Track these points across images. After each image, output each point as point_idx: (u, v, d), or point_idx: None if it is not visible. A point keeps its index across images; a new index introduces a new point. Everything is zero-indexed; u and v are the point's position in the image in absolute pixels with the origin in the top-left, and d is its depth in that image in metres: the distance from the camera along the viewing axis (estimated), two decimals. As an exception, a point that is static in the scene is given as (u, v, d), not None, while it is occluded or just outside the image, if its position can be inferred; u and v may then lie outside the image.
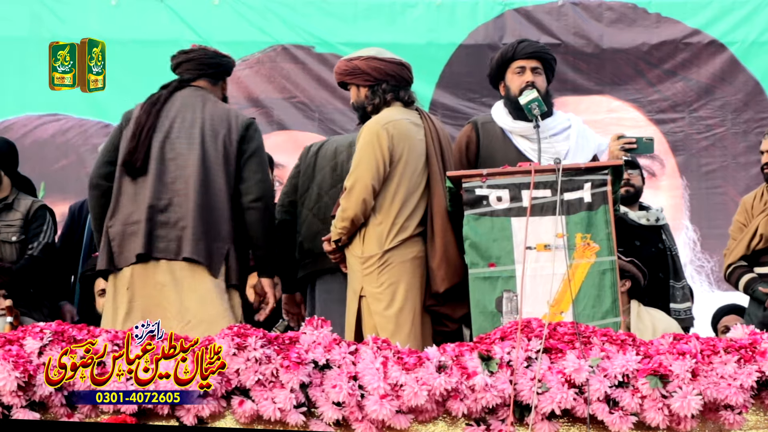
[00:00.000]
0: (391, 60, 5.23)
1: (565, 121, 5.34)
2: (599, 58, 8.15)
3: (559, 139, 5.22)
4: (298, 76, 8.26)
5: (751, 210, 6.03)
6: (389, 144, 5.02)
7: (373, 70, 5.18)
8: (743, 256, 5.95)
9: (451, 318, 5.08)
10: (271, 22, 8.27)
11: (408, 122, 5.13)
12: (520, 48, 5.33)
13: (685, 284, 6.32)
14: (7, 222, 5.96)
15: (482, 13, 8.24)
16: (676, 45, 8.18)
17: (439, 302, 5.06)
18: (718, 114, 8.06)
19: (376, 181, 5.01)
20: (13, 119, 8.15)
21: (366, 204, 5.00)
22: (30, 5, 8.21)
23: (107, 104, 8.06)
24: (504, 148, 5.27)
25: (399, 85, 5.20)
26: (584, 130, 5.35)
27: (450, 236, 5.03)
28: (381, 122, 5.07)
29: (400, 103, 5.19)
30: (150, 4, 8.22)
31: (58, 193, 7.91)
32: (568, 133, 5.27)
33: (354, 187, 5.01)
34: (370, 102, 5.18)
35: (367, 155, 5.01)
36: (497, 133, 5.33)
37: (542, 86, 5.27)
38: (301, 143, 8.18)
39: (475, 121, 5.46)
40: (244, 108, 8.24)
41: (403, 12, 8.25)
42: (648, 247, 6.14)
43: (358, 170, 5.02)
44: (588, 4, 8.25)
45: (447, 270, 5.01)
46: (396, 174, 5.05)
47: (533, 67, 5.30)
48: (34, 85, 7.98)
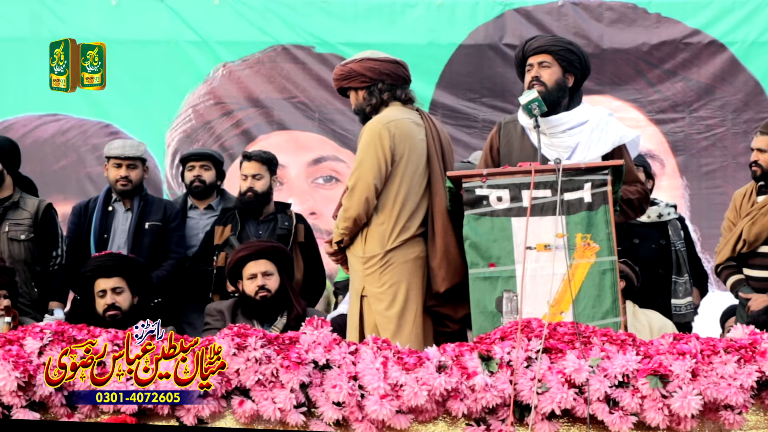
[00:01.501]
0: (386, 59, 5.22)
1: (584, 115, 5.16)
2: (599, 58, 8.14)
3: (573, 132, 5.11)
4: (298, 76, 8.26)
5: (739, 209, 5.99)
6: (391, 143, 5.02)
7: (368, 71, 5.17)
8: (730, 257, 5.94)
9: (452, 318, 5.08)
10: (271, 22, 8.27)
11: (409, 122, 5.13)
12: (527, 46, 5.27)
13: (688, 279, 6.29)
14: (15, 221, 6.01)
15: (482, 13, 8.24)
16: (676, 45, 8.18)
17: (439, 303, 5.06)
18: (719, 114, 8.07)
19: (378, 180, 5.01)
20: (13, 119, 8.16)
21: (369, 203, 5.00)
22: (30, 5, 8.21)
23: (107, 104, 8.07)
24: (521, 144, 5.18)
25: (395, 83, 5.18)
26: (606, 123, 5.14)
27: (451, 236, 5.03)
28: (382, 121, 5.07)
29: (398, 102, 5.18)
30: (150, 4, 8.22)
31: (59, 193, 7.91)
32: (582, 128, 5.15)
33: (356, 186, 5.01)
34: (368, 103, 5.17)
35: (369, 154, 5.01)
36: (517, 131, 5.23)
37: (550, 79, 5.12)
38: (302, 143, 8.22)
39: (499, 123, 5.35)
40: (244, 108, 8.26)
41: (403, 12, 8.26)
42: (648, 244, 6.14)
43: (360, 169, 5.02)
44: (588, 4, 8.25)
45: (447, 270, 5.01)
46: (398, 173, 5.05)
47: (540, 61, 5.19)
48: (34, 85, 7.99)
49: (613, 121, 5.21)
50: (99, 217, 6.41)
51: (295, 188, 8.05)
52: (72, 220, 6.53)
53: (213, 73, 8.25)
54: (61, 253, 6.15)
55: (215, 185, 6.81)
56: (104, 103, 8.04)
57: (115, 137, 7.76)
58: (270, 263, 5.63)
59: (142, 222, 6.41)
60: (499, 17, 8.24)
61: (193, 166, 6.75)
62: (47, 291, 6.09)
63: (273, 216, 6.34)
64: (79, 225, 6.46)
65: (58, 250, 6.14)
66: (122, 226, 6.42)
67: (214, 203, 6.77)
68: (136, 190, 6.48)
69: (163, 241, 6.42)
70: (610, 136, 5.13)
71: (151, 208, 6.47)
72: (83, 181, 8.13)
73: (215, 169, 6.78)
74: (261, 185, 6.32)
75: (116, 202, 6.49)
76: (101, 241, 6.36)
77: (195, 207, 6.76)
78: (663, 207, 6.33)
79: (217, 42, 8.26)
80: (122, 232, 6.40)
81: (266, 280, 5.59)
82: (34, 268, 6.05)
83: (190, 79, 8.24)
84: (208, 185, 6.75)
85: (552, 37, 5.43)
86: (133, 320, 4.54)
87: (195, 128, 8.24)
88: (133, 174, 6.46)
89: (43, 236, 6.06)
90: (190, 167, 6.77)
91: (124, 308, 5.61)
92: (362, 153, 5.04)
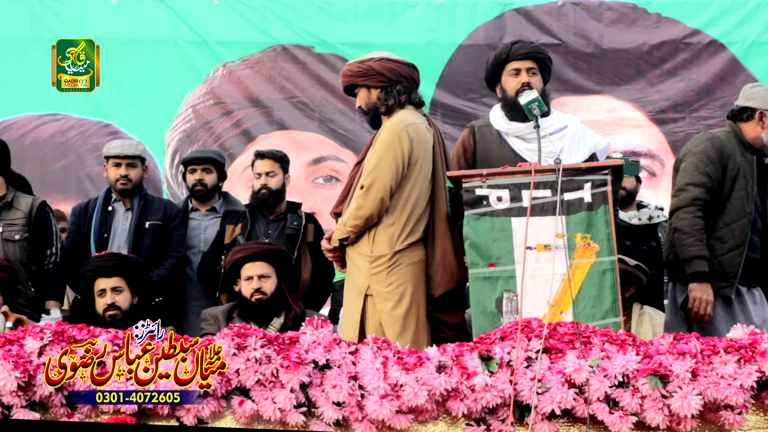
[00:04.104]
0: (404, 62, 5.27)
1: (562, 120, 5.35)
2: (600, 58, 8.15)
3: (554, 138, 5.23)
4: (298, 76, 8.27)
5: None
6: (409, 146, 5.07)
7: (388, 71, 5.20)
8: None
9: (449, 325, 5.13)
10: (271, 22, 8.27)
11: (424, 127, 5.20)
12: (514, 49, 5.34)
13: None
14: (8, 221, 5.97)
15: (482, 13, 8.25)
16: (676, 45, 8.18)
17: (437, 308, 5.11)
18: (719, 114, 8.07)
19: (395, 182, 5.06)
20: (13, 119, 8.16)
21: (383, 203, 5.04)
22: (31, 5, 8.22)
23: (107, 104, 8.07)
24: (500, 149, 5.29)
25: (411, 87, 5.25)
26: (582, 129, 5.35)
27: (449, 243, 5.08)
28: (402, 124, 5.12)
29: (412, 106, 5.24)
30: (150, 4, 8.23)
31: (58, 193, 7.91)
32: (563, 133, 5.27)
33: (373, 185, 5.04)
34: (384, 103, 5.21)
35: (388, 155, 5.05)
36: (493, 135, 5.35)
37: (538, 86, 5.27)
38: (302, 143, 8.22)
39: (472, 126, 5.49)
40: (244, 108, 8.26)
41: (403, 12, 8.26)
42: (640, 245, 6.15)
43: (378, 170, 5.05)
44: (588, 4, 8.25)
45: (443, 275, 5.06)
46: (411, 176, 5.10)
47: (528, 67, 5.30)
48: (34, 84, 8.00)
49: (587, 128, 5.39)
50: (99, 217, 6.40)
51: (295, 188, 8.03)
52: (72, 221, 6.51)
53: (213, 73, 8.25)
54: (55, 252, 6.09)
55: (217, 187, 6.80)
56: (104, 103, 8.04)
57: (114, 137, 7.76)
58: (267, 265, 5.63)
59: (143, 221, 6.41)
60: (499, 17, 8.25)
61: (194, 169, 6.74)
62: (43, 290, 6.06)
63: (283, 215, 6.35)
64: (79, 226, 6.45)
65: (52, 248, 6.07)
66: (122, 225, 6.42)
67: (217, 205, 6.77)
68: (135, 190, 6.47)
69: (163, 240, 6.41)
70: (587, 143, 5.30)
71: (151, 207, 6.47)
72: (83, 181, 8.13)
73: (217, 171, 6.78)
74: (275, 182, 6.36)
75: (116, 201, 6.48)
76: (101, 241, 6.35)
77: (196, 209, 6.76)
78: (653, 209, 6.35)
79: (217, 42, 8.26)
80: (122, 231, 6.39)
81: (262, 282, 5.58)
82: (30, 267, 6.01)
83: (190, 79, 8.24)
84: (210, 188, 6.74)
85: (535, 45, 5.59)
86: (133, 320, 4.54)
87: (195, 128, 8.24)
88: (132, 173, 6.45)
89: (38, 235, 6.01)
90: (191, 170, 6.76)
91: (123, 308, 5.61)
92: (381, 153, 5.07)
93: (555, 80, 8.00)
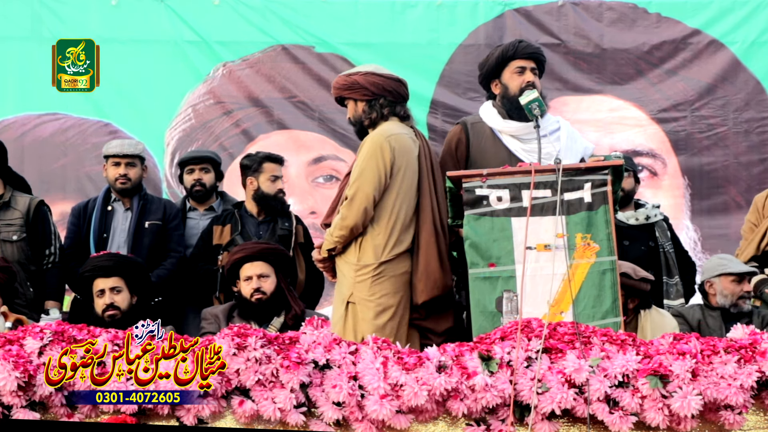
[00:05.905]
0: (389, 76, 5.32)
1: (555, 123, 5.38)
2: (600, 58, 8.15)
3: (551, 140, 5.25)
4: (298, 76, 8.26)
5: (762, 209, 6.03)
6: (391, 156, 5.13)
7: (371, 85, 5.26)
8: (754, 257, 5.94)
9: (435, 332, 5.16)
10: (271, 22, 8.27)
11: (407, 137, 5.24)
12: (521, 47, 5.36)
13: (678, 280, 6.29)
14: (6, 221, 5.96)
15: (482, 13, 8.24)
16: (676, 45, 8.18)
17: (421, 315, 5.16)
18: (720, 113, 8.06)
19: (377, 192, 5.12)
20: (13, 118, 8.15)
21: (367, 213, 5.10)
22: (31, 5, 8.21)
23: (107, 104, 8.06)
24: (494, 148, 5.32)
25: (396, 100, 5.30)
26: (573, 132, 5.42)
27: (433, 251, 5.13)
28: (384, 134, 5.18)
29: (396, 118, 5.28)
30: (150, 4, 8.22)
31: (58, 192, 7.91)
32: (558, 135, 5.31)
33: (356, 196, 5.10)
34: (368, 116, 5.28)
35: (370, 166, 5.11)
36: (487, 133, 5.37)
37: (539, 86, 5.32)
38: (302, 143, 8.22)
39: (464, 122, 5.50)
40: (244, 108, 8.25)
41: (403, 12, 8.25)
42: (637, 245, 6.14)
43: (360, 180, 5.11)
44: (588, 4, 8.25)
45: (426, 283, 5.11)
46: (395, 186, 5.15)
47: (532, 67, 5.35)
48: (34, 84, 7.99)
49: (576, 132, 5.47)
50: (98, 216, 6.40)
51: (295, 188, 8.04)
52: (71, 221, 6.50)
53: (213, 73, 8.25)
54: (54, 251, 6.08)
55: (215, 187, 6.81)
56: (104, 103, 8.03)
57: (114, 136, 7.76)
58: (267, 265, 5.63)
59: (142, 221, 6.40)
60: (499, 17, 8.24)
61: (192, 169, 6.74)
62: (42, 290, 6.05)
63: (271, 217, 6.35)
64: (78, 225, 6.44)
65: (51, 248, 6.06)
66: (122, 225, 6.41)
67: (215, 205, 6.77)
68: (135, 189, 6.46)
69: (163, 240, 6.41)
70: (579, 147, 5.38)
71: (151, 207, 6.46)
72: (83, 181, 8.12)
73: (214, 171, 6.78)
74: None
75: (116, 201, 6.48)
76: (101, 241, 6.34)
77: (194, 209, 6.76)
78: (650, 209, 6.34)
79: (217, 42, 8.25)
80: (122, 231, 6.39)
81: (262, 282, 5.58)
82: (29, 267, 6.00)
83: (190, 78, 8.23)
84: (208, 188, 6.75)
85: (536, 46, 5.59)
86: (133, 320, 4.54)
87: (194, 128, 8.23)
88: (131, 172, 6.44)
89: (36, 234, 6.00)
90: (189, 170, 6.76)
91: (122, 308, 5.60)
92: (363, 164, 5.14)
93: (555, 80, 8.02)
